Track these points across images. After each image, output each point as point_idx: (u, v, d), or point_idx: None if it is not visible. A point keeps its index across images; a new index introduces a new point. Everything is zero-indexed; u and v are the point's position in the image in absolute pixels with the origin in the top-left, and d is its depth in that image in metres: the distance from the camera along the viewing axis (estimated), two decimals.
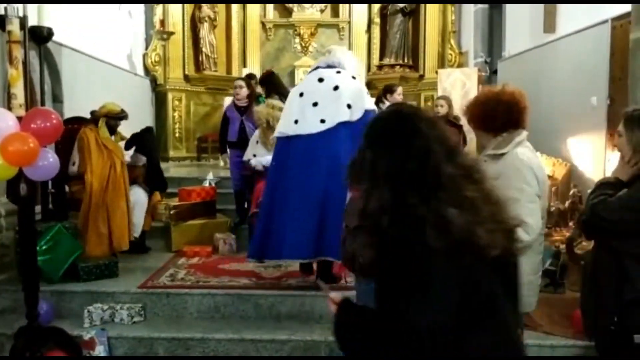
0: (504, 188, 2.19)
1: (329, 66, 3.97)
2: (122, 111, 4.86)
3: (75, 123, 4.99)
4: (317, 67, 4.04)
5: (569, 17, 5.62)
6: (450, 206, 1.28)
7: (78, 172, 4.65)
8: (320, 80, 3.88)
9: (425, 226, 1.26)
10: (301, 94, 3.91)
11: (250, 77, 6.91)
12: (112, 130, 4.85)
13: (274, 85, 5.99)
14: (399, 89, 6.47)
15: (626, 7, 4.36)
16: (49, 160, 3.15)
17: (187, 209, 5.31)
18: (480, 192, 1.37)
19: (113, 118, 4.80)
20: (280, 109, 4.71)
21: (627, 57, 4.22)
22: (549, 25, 5.91)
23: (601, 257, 2.32)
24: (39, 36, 4.88)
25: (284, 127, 3.89)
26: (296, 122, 3.82)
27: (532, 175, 2.36)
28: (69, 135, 4.73)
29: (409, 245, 1.28)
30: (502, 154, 2.39)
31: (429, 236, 1.25)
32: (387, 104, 6.24)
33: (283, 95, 5.51)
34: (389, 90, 6.05)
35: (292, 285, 4.06)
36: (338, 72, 3.91)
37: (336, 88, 3.80)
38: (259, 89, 6.34)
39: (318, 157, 3.70)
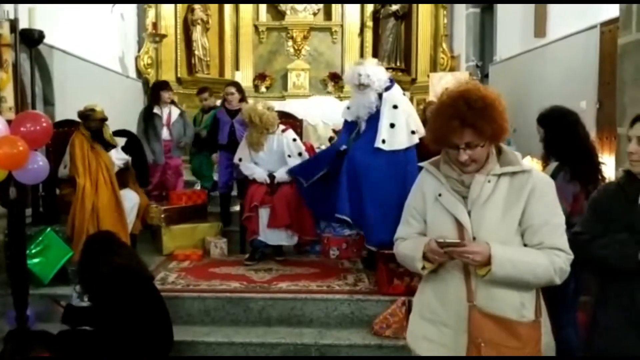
0: (543, 213, 1.82)
1: None
2: (90, 109, 4.76)
3: (67, 126, 4.97)
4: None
5: (560, 22, 5.67)
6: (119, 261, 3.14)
7: (69, 175, 4.63)
8: None
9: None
10: None
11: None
12: (95, 133, 4.78)
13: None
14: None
15: (615, 13, 4.40)
16: (39, 163, 3.15)
17: (177, 213, 5.30)
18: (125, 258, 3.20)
19: (83, 118, 4.76)
20: (268, 108, 4.79)
21: (616, 62, 4.26)
22: (540, 30, 5.96)
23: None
24: (30, 39, 4.85)
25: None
26: None
27: None
28: (60, 138, 4.71)
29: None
30: (524, 171, 1.88)
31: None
32: None
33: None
34: None
35: (283, 289, 4.06)
36: None
37: None
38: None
39: None
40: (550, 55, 5.77)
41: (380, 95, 4.31)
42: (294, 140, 4.95)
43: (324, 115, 7.76)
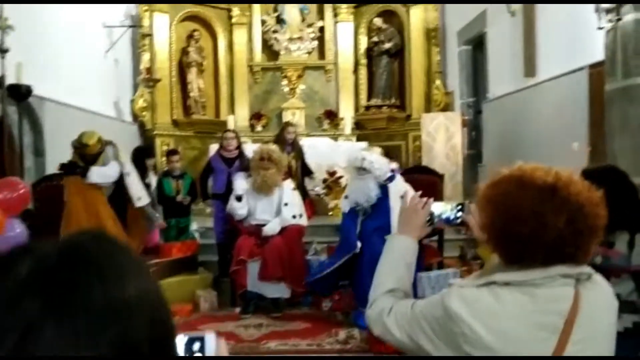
0: None
1: None
2: (84, 144, 4.64)
3: (58, 179, 4.88)
4: None
5: (549, 63, 5.66)
6: None
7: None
8: None
9: None
10: None
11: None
12: (89, 162, 4.66)
13: None
14: None
15: (601, 55, 4.38)
16: (16, 231, 3.10)
17: (167, 266, 5.22)
18: None
19: (77, 149, 4.71)
20: None
21: (604, 103, 4.22)
22: (529, 69, 5.95)
23: None
24: (18, 93, 4.87)
25: None
26: None
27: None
28: (50, 192, 4.66)
29: None
30: None
31: None
32: None
33: None
34: None
35: (271, 349, 3.95)
36: None
37: None
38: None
39: None
40: (542, 95, 5.74)
41: (382, 186, 4.30)
42: (294, 189, 4.94)
43: (319, 156, 7.69)
